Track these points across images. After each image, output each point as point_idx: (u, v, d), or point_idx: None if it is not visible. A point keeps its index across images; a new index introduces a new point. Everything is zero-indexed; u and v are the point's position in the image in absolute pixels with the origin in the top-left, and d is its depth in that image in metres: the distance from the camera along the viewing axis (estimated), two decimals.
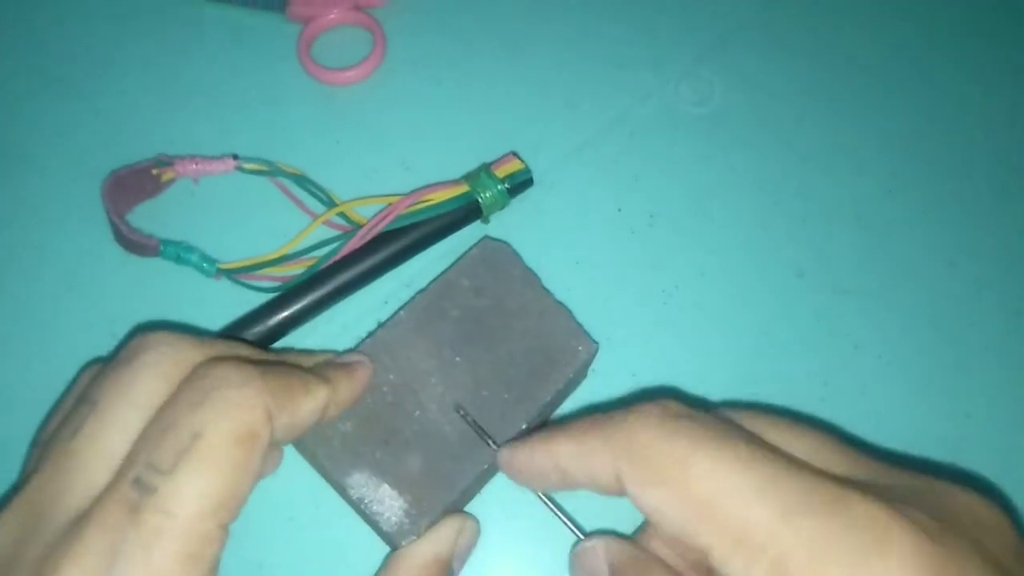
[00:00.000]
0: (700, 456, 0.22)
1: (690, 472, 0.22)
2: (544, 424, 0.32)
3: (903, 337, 0.36)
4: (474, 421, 0.29)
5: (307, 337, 0.35)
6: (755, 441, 0.23)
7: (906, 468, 0.23)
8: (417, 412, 0.30)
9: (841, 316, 0.36)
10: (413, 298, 0.32)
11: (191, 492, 0.21)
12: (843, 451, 0.24)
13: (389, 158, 0.38)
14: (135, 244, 0.35)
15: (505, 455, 0.28)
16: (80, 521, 0.21)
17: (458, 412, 0.30)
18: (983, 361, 0.36)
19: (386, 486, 0.28)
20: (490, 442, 0.29)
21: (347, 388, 0.28)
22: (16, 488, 0.23)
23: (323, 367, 0.29)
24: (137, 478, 0.21)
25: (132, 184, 0.36)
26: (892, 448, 0.34)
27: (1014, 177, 0.40)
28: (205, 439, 0.22)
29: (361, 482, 0.28)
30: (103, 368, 0.25)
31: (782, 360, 0.35)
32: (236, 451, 0.22)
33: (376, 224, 0.35)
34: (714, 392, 0.34)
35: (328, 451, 0.29)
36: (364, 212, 0.36)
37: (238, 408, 0.23)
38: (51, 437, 0.24)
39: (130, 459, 0.22)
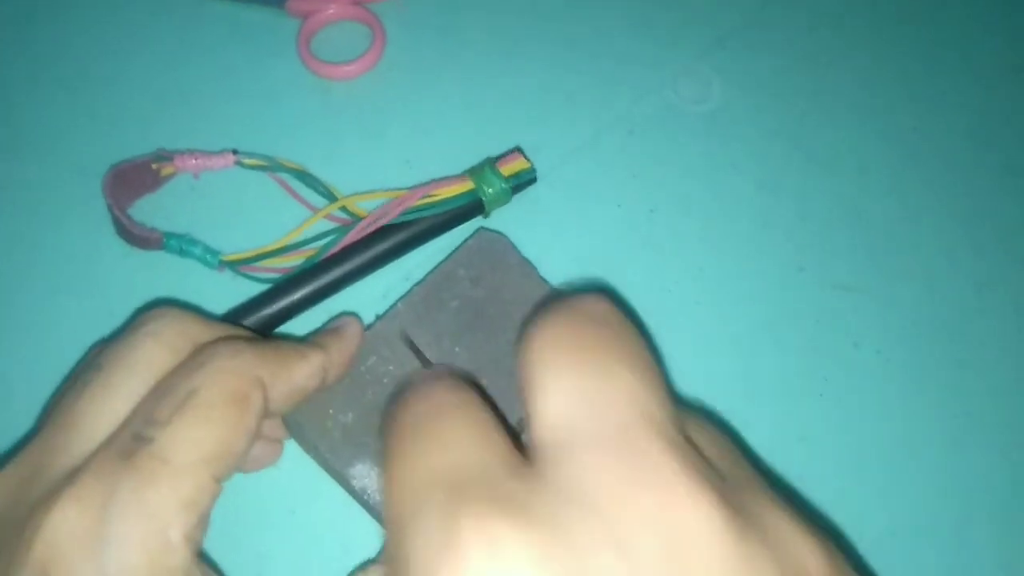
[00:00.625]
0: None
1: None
2: None
3: (903, 333, 0.36)
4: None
5: (305, 328, 0.34)
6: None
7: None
8: None
9: (841, 312, 0.36)
10: (411, 290, 0.32)
11: (185, 440, 0.22)
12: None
13: (389, 153, 0.38)
14: (138, 237, 0.35)
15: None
16: (78, 468, 0.22)
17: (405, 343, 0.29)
18: (983, 359, 0.36)
19: None
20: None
21: (339, 349, 0.29)
22: (20, 446, 0.24)
23: (313, 337, 0.30)
24: (135, 432, 0.22)
25: (132, 178, 0.36)
26: (895, 448, 0.34)
27: (1014, 174, 0.40)
28: (199, 395, 0.23)
29: (363, 472, 0.29)
30: (112, 340, 0.26)
31: (781, 356, 0.35)
32: (229, 408, 0.23)
33: (379, 217, 0.35)
34: (713, 387, 0.35)
35: (329, 443, 0.29)
36: (365, 206, 0.36)
37: (230, 372, 0.24)
38: (58, 400, 0.25)
39: (129, 419, 0.23)
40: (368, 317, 0.34)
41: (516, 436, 0.21)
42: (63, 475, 0.22)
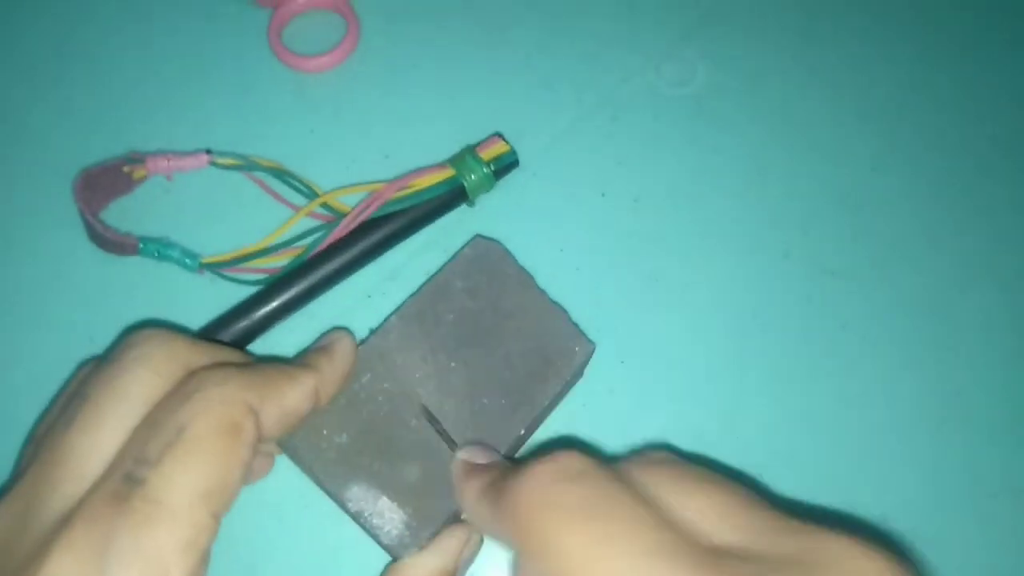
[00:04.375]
0: (573, 529, 0.21)
1: (561, 546, 0.21)
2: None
3: (889, 317, 0.36)
4: (438, 425, 0.29)
5: (289, 333, 0.34)
6: (638, 510, 0.21)
7: (809, 526, 0.21)
8: (414, 421, 0.29)
9: (828, 296, 0.36)
10: (405, 302, 0.31)
11: (179, 480, 0.22)
12: (744, 507, 0.22)
13: (367, 146, 0.38)
14: (112, 243, 0.34)
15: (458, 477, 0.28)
16: (70, 514, 0.21)
17: (424, 416, 0.29)
18: (970, 339, 0.36)
19: (385, 498, 0.28)
20: (453, 448, 0.29)
21: (332, 368, 0.28)
22: (9, 483, 0.23)
23: (304, 356, 0.29)
24: (126, 472, 0.22)
25: (103, 182, 0.35)
26: (884, 430, 0.34)
27: (999, 154, 0.40)
28: (189, 430, 0.22)
29: (359, 495, 0.28)
30: (98, 364, 0.25)
31: (769, 341, 0.35)
32: (221, 441, 0.23)
33: (361, 211, 0.34)
34: (700, 375, 0.34)
35: (324, 464, 0.28)
36: (347, 201, 0.35)
37: (219, 403, 0.23)
38: (45, 432, 0.24)
39: (119, 457, 0.22)
40: (353, 318, 0.34)
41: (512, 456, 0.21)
42: (55, 519, 0.21)
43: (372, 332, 0.31)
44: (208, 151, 0.36)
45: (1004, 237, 0.38)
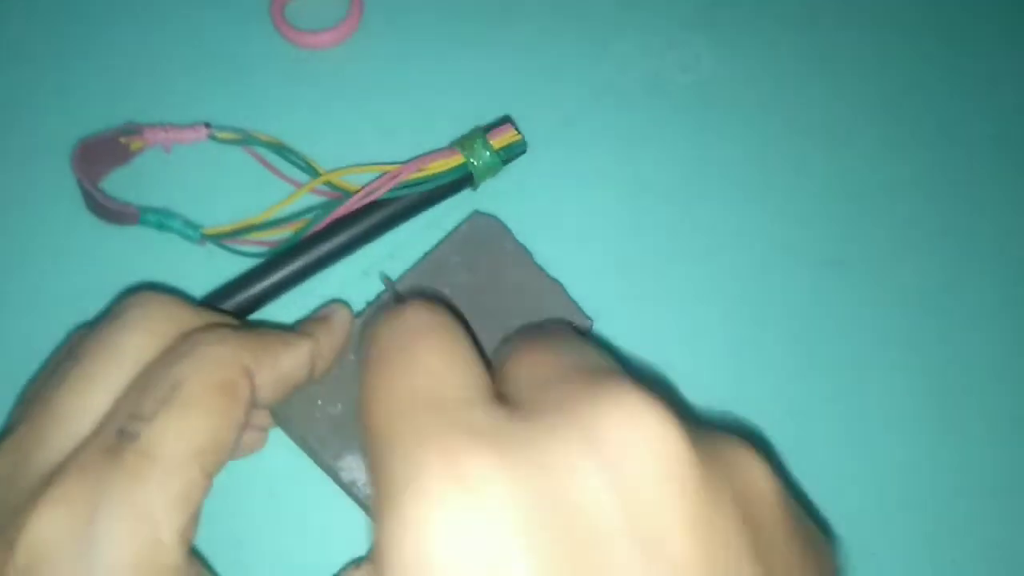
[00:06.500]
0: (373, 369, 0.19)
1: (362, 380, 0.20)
2: None
3: (895, 308, 0.36)
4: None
5: (286, 309, 0.34)
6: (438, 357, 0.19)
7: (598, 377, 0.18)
8: None
9: (833, 286, 0.36)
10: (401, 276, 0.31)
11: (172, 435, 0.21)
12: (558, 365, 0.19)
13: (370, 124, 0.37)
14: (113, 212, 0.33)
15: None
16: (60, 467, 0.21)
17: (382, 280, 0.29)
18: (976, 330, 0.36)
19: None
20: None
21: (328, 338, 0.28)
22: None
23: (301, 325, 0.29)
24: (119, 427, 0.21)
25: (101, 153, 0.34)
26: (887, 423, 0.34)
27: (1008, 145, 0.40)
28: (184, 387, 0.22)
29: (352, 465, 0.28)
30: (92, 327, 0.25)
31: (772, 331, 0.35)
32: (215, 398, 0.22)
33: (369, 192, 0.33)
34: (703, 364, 0.34)
35: (317, 434, 0.28)
36: (350, 181, 0.35)
37: (215, 361, 0.23)
38: (36, 392, 0.24)
39: (112, 413, 0.22)
40: (351, 295, 0.34)
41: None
42: (45, 473, 0.21)
43: (369, 304, 0.31)
44: (207, 124, 0.35)
45: (1012, 226, 0.38)
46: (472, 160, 0.34)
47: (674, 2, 0.41)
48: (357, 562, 0.28)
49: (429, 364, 0.18)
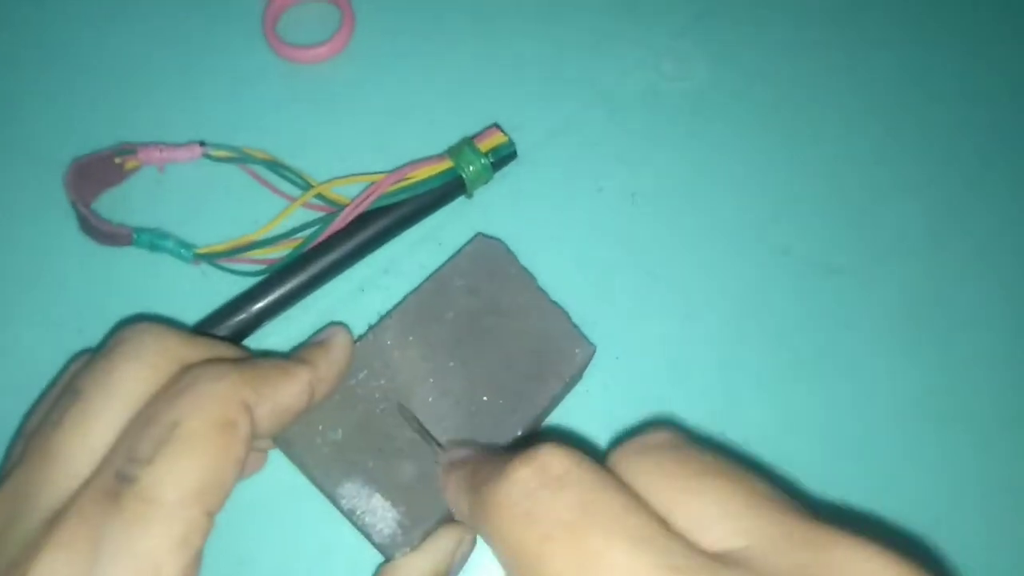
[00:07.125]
0: (555, 551, 0.18)
1: (543, 570, 0.18)
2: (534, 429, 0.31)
3: (892, 313, 0.36)
4: (419, 424, 0.28)
5: (282, 329, 0.34)
6: (629, 519, 0.19)
7: (824, 530, 0.19)
8: None
9: (830, 294, 0.36)
10: (405, 298, 0.31)
11: (172, 478, 0.21)
12: (752, 505, 0.19)
13: (363, 137, 0.37)
14: (105, 234, 0.33)
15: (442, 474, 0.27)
16: (61, 512, 0.21)
17: (401, 414, 0.29)
18: (974, 333, 0.36)
19: (379, 496, 0.27)
20: (436, 448, 0.28)
21: (328, 364, 0.27)
22: None
23: (300, 351, 0.28)
24: (118, 471, 0.21)
25: (94, 173, 0.34)
26: (886, 428, 0.34)
27: (1003, 148, 0.40)
28: (183, 427, 0.22)
29: (353, 492, 0.28)
30: (89, 358, 0.25)
31: (770, 339, 0.35)
32: (215, 438, 0.22)
33: (359, 204, 0.33)
34: (699, 373, 0.34)
35: (318, 460, 0.28)
36: (342, 192, 0.35)
37: (213, 398, 0.23)
38: (35, 429, 0.24)
39: (111, 454, 0.22)
40: (346, 313, 0.34)
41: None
42: (46, 517, 0.21)
43: (370, 328, 0.30)
44: (202, 143, 0.35)
45: (1007, 228, 0.38)
46: (463, 166, 0.34)
47: (667, 11, 0.41)
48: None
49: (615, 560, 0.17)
